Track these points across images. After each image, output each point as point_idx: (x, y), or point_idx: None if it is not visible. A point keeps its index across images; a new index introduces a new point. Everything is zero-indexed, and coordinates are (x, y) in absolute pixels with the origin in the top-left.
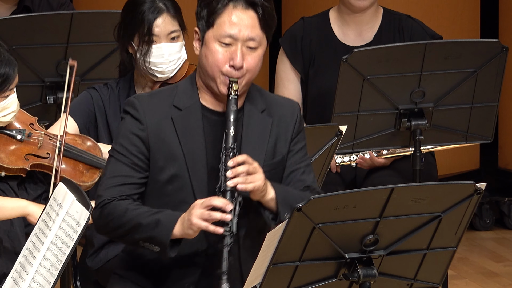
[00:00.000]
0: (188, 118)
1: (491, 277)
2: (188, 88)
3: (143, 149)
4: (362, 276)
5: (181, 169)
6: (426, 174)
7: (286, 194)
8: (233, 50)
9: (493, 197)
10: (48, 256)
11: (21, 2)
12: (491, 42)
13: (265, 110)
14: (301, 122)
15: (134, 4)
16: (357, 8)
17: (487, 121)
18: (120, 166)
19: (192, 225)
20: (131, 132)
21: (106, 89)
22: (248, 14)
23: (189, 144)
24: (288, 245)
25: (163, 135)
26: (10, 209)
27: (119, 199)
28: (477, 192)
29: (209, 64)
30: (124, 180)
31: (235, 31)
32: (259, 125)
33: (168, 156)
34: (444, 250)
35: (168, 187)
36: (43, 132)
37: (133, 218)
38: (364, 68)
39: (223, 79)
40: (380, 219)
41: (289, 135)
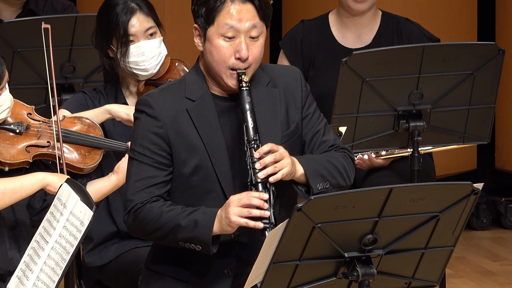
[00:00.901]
0: (202, 108)
1: (488, 276)
2: (196, 79)
3: (164, 146)
4: (361, 275)
5: (203, 159)
6: (424, 174)
7: (314, 165)
8: (237, 42)
9: (490, 197)
10: (52, 255)
11: (26, 5)
12: (488, 44)
13: (270, 82)
14: (306, 85)
15: (107, 8)
16: (356, 12)
17: (484, 122)
18: (144, 167)
19: (231, 223)
20: (150, 131)
21: (96, 93)
22: (246, 6)
23: (207, 133)
24: (288, 245)
25: (181, 128)
26: (30, 185)
27: (151, 201)
28: (474, 192)
29: (215, 60)
30: (151, 182)
31: (236, 23)
32: (268, 99)
33: (189, 148)
34: (442, 249)
35: (193, 178)
36: (40, 121)
37: (170, 220)
38: (363, 70)
39: (230, 73)
40: (379, 218)
41: (299, 101)
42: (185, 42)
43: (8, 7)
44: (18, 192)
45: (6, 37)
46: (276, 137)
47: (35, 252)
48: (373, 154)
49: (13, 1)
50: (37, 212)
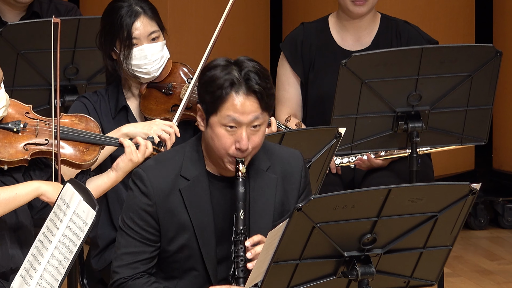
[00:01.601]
0: (195, 188)
1: (486, 275)
2: (194, 156)
3: (152, 223)
4: (360, 274)
5: (190, 240)
6: (423, 175)
7: None
8: (239, 133)
9: (487, 197)
10: (56, 254)
11: (30, 7)
12: (486, 47)
13: (270, 167)
14: (306, 174)
15: (112, 11)
16: (355, 15)
17: (481, 123)
18: (132, 241)
19: None
20: (140, 208)
21: (96, 96)
22: (250, 100)
23: (198, 214)
24: (288, 244)
25: (172, 207)
26: (24, 195)
27: (135, 278)
28: (472, 193)
29: (216, 147)
30: (137, 257)
31: (239, 116)
32: (265, 185)
33: (178, 227)
34: (440, 248)
35: (178, 255)
36: (38, 119)
37: None
38: (362, 72)
39: (230, 159)
40: (378, 218)
41: (296, 191)
42: (187, 45)
43: (12, 10)
44: (12, 202)
45: (10, 39)
46: (267, 225)
47: (38, 252)
48: (372, 155)
49: (17, 3)
50: (37, 211)
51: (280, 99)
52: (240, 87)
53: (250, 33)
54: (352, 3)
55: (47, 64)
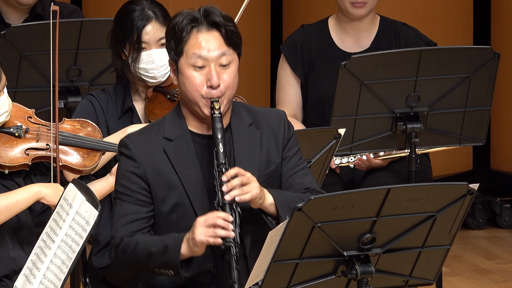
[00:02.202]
0: (179, 146)
1: (484, 274)
2: (175, 118)
3: (143, 185)
4: (360, 273)
5: (181, 197)
6: (421, 175)
7: (284, 198)
8: (208, 71)
9: (485, 197)
10: (58, 254)
11: (32, 10)
12: (484, 48)
13: (252, 123)
14: (289, 128)
15: (125, 12)
16: (355, 17)
17: (479, 124)
18: (126, 205)
19: (196, 243)
20: (128, 171)
21: (104, 95)
22: (213, 35)
23: (185, 171)
24: (289, 244)
25: (159, 167)
26: (25, 200)
27: (130, 236)
28: (470, 193)
29: (188, 90)
30: (131, 218)
31: (204, 52)
32: (249, 139)
33: (167, 186)
34: (439, 248)
35: (173, 216)
36: (39, 124)
37: (143, 249)
38: (361, 74)
39: (205, 102)
40: (377, 218)
41: (280, 144)
42: None
43: (15, 12)
44: (13, 208)
45: (14, 41)
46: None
47: (41, 251)
48: (372, 155)
49: (20, 6)
50: (37, 214)
51: (281, 100)
52: (201, 25)
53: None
54: (351, 6)
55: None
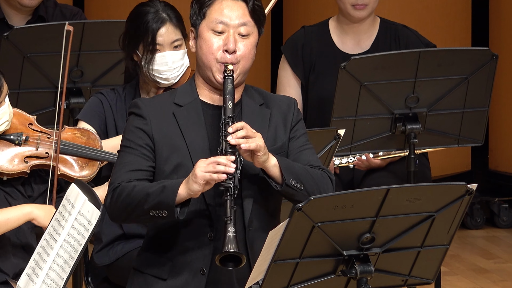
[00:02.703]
0: (189, 112)
1: (482, 273)
2: (187, 87)
3: (148, 141)
4: (359, 272)
5: (184, 159)
6: (420, 175)
7: (288, 163)
8: (226, 36)
9: (483, 197)
10: (61, 253)
11: (35, 11)
12: (482, 50)
13: (263, 104)
14: (299, 113)
15: (139, 15)
16: (355, 19)
17: (478, 125)
18: (129, 156)
19: (197, 178)
20: (136, 127)
21: (113, 94)
22: (238, 4)
23: (191, 134)
24: (289, 243)
25: (165, 129)
26: (16, 220)
27: (128, 181)
28: (468, 193)
29: (204, 53)
30: (133, 167)
31: (226, 18)
32: (258, 116)
33: (172, 147)
34: (437, 247)
35: (173, 177)
36: (40, 133)
37: (141, 190)
38: (361, 75)
39: (219, 67)
40: (376, 218)
41: (289, 124)
42: None
43: (18, 14)
44: (3, 226)
45: (17, 43)
46: None
47: (44, 251)
48: (371, 155)
49: (23, 7)
50: None
51: None
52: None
53: None
54: (352, 8)
55: (53, 67)
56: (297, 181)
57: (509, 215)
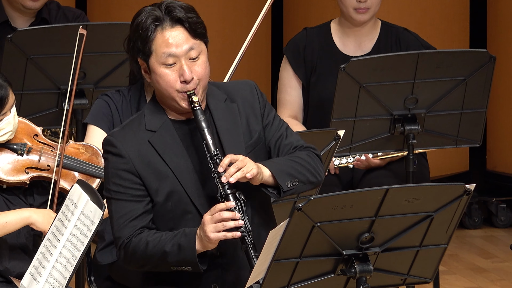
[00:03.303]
0: (163, 136)
1: (480, 272)
2: (154, 109)
3: (135, 180)
4: (358, 271)
5: (174, 184)
6: (419, 175)
7: (278, 166)
8: (179, 66)
9: (481, 197)
10: (64, 252)
11: (39, 14)
12: (480, 52)
13: (227, 98)
14: (262, 95)
15: None
16: (358, 22)
17: (476, 126)
18: (122, 203)
19: (210, 240)
20: (118, 169)
21: (119, 95)
22: (178, 30)
23: (172, 159)
24: (289, 243)
25: (147, 159)
26: (14, 224)
27: (136, 235)
28: (466, 193)
29: (163, 88)
30: (132, 215)
31: (173, 49)
32: (227, 114)
33: (159, 176)
34: (436, 247)
35: (168, 204)
36: (42, 146)
37: (156, 249)
38: (360, 76)
39: (181, 96)
40: (375, 218)
41: (258, 111)
42: None
43: (21, 16)
44: (1, 230)
45: (20, 45)
46: (240, 149)
47: (47, 250)
48: (370, 155)
49: (26, 10)
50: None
51: (282, 101)
52: (164, 22)
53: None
54: (354, 11)
55: (56, 69)
56: (292, 179)
57: (507, 215)
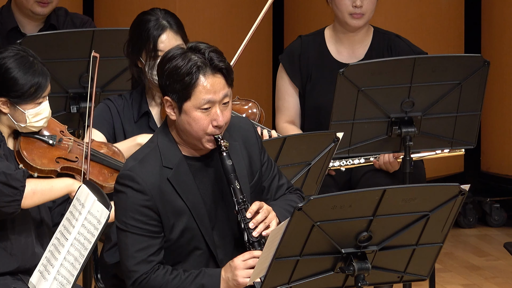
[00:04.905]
0: (180, 174)
1: (474, 270)
2: (168, 145)
3: (154, 216)
4: (357, 269)
5: (189, 222)
6: (415, 176)
7: (282, 212)
8: (213, 112)
9: (476, 197)
10: (71, 251)
11: (47, 20)
12: (474, 56)
13: (230, 136)
14: (258, 135)
15: (140, 23)
16: (352, 28)
17: (470, 128)
18: (140, 238)
19: (239, 284)
20: (139, 205)
21: (121, 100)
22: (218, 78)
23: (189, 198)
24: (289, 241)
25: (166, 197)
26: (59, 189)
27: (154, 271)
28: (461, 193)
29: (194, 130)
30: (149, 251)
31: (212, 96)
32: (232, 154)
33: (176, 213)
34: (432, 245)
35: (180, 240)
36: (72, 138)
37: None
38: (358, 80)
39: (208, 138)
40: (373, 217)
41: (257, 150)
42: None
43: (31, 22)
44: (47, 194)
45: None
46: (245, 190)
47: (55, 249)
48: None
49: (35, 15)
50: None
51: (280, 108)
52: (206, 69)
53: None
54: (350, 16)
55: (64, 73)
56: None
57: (500, 215)
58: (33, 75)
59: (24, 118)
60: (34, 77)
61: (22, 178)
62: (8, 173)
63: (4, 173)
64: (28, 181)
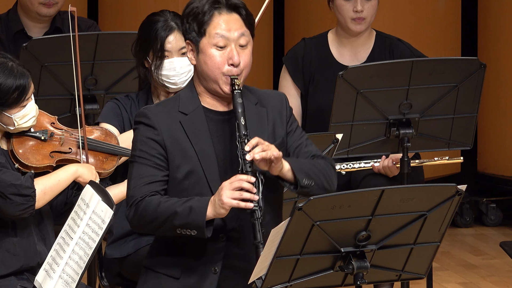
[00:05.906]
0: (194, 120)
1: (471, 269)
2: (189, 95)
3: (161, 151)
4: (356, 268)
5: (195, 166)
6: (413, 177)
7: (299, 164)
8: (229, 50)
9: (472, 197)
10: (76, 250)
11: (52, 23)
12: (471, 59)
13: (258, 102)
14: (290, 107)
15: (149, 23)
16: (354, 32)
17: (467, 129)
18: (144, 168)
19: (223, 205)
20: (148, 138)
21: (127, 100)
22: (233, 16)
23: (199, 143)
24: (290, 241)
25: (175, 136)
26: (65, 180)
27: (150, 195)
28: (458, 193)
29: (209, 69)
30: (150, 179)
31: (226, 33)
32: (256, 116)
33: (183, 154)
34: (429, 245)
35: (185, 182)
36: (63, 130)
37: (167, 208)
38: (357, 83)
39: (225, 79)
40: (372, 217)
41: (284, 119)
42: None
43: (36, 25)
44: (56, 188)
45: (35, 53)
46: None
47: (60, 248)
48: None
49: (40, 17)
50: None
51: None
52: (222, 6)
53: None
54: (352, 21)
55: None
56: (309, 178)
57: (497, 214)
58: (14, 80)
59: (12, 122)
60: (15, 81)
61: (31, 184)
62: (17, 184)
63: (14, 184)
64: (36, 182)
